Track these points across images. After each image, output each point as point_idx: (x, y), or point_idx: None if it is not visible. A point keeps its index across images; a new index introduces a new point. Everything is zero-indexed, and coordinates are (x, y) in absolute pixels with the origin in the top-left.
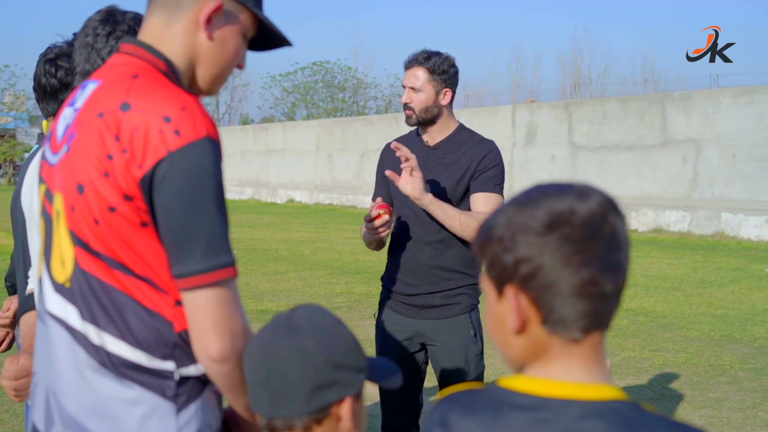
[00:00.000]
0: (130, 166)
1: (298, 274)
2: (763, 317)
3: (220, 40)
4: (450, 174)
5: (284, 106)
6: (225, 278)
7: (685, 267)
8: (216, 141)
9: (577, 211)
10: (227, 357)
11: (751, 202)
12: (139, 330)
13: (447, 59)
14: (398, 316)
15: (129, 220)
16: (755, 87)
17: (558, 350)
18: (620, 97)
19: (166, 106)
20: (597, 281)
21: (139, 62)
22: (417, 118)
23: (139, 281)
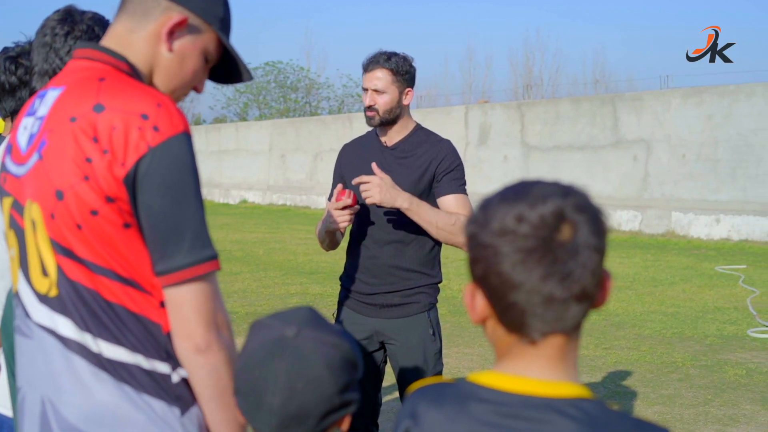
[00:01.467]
0: (112, 166)
1: (253, 275)
2: (713, 315)
3: (179, 55)
4: (409, 173)
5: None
6: (210, 271)
7: (636, 266)
8: (190, 136)
9: (525, 219)
10: (212, 346)
11: (701, 201)
12: (131, 333)
13: (406, 59)
14: (357, 315)
15: (112, 222)
16: (704, 88)
17: (518, 350)
18: (572, 98)
19: (140, 103)
20: (543, 289)
21: (100, 65)
22: (380, 119)
23: (125, 285)
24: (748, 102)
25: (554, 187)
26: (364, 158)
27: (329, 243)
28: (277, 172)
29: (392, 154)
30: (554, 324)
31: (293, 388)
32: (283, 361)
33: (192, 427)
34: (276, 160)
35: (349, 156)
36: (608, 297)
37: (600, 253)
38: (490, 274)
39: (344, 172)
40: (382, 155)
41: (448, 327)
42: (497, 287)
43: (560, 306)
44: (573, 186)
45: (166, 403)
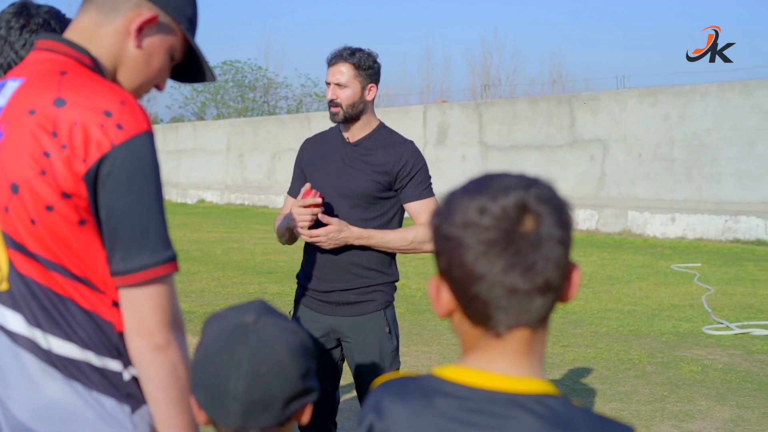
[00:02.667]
0: (71, 161)
1: (210, 274)
2: (669, 312)
3: (147, 52)
4: (370, 171)
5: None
6: (171, 272)
7: (593, 264)
8: (153, 135)
9: (488, 211)
10: (172, 343)
11: (657, 200)
12: (82, 330)
13: (370, 55)
14: (313, 313)
15: (67, 218)
16: (660, 88)
17: (484, 343)
18: (529, 98)
19: (104, 100)
20: (505, 280)
21: (63, 58)
22: (344, 115)
23: (76, 282)
24: (702, 102)
25: (517, 179)
26: (326, 154)
27: (288, 238)
28: (235, 172)
29: (354, 150)
30: (519, 317)
31: (257, 372)
32: (246, 346)
33: (142, 425)
34: (234, 159)
35: (310, 151)
36: (576, 290)
37: (564, 245)
38: (454, 267)
39: (305, 166)
40: (344, 151)
41: (407, 325)
42: (460, 279)
43: (524, 298)
44: (538, 178)
45: (116, 400)
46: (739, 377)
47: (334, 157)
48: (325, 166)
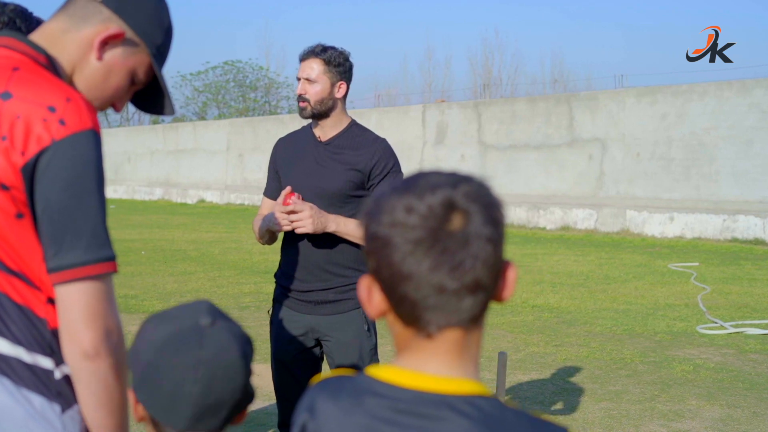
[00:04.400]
0: (9, 153)
1: (207, 274)
2: (664, 312)
3: (107, 67)
4: (342, 169)
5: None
6: (105, 272)
7: (590, 264)
8: (99, 134)
9: (414, 209)
10: (101, 352)
11: (655, 200)
12: (14, 325)
13: (342, 53)
14: (292, 312)
15: (4, 210)
16: (658, 87)
17: (416, 344)
18: (528, 98)
19: (50, 96)
20: (432, 279)
21: (18, 55)
22: (312, 110)
23: (11, 277)
24: (701, 101)
25: (446, 176)
26: (298, 153)
27: (268, 239)
28: (235, 172)
29: (326, 149)
30: (449, 317)
31: (213, 376)
32: (203, 350)
33: (72, 426)
34: (234, 159)
35: (283, 151)
36: (511, 289)
37: (494, 243)
38: (382, 266)
39: (279, 167)
40: (316, 150)
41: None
42: (389, 279)
43: (453, 297)
44: (468, 176)
45: (46, 399)
46: (731, 376)
47: (307, 157)
48: (299, 165)
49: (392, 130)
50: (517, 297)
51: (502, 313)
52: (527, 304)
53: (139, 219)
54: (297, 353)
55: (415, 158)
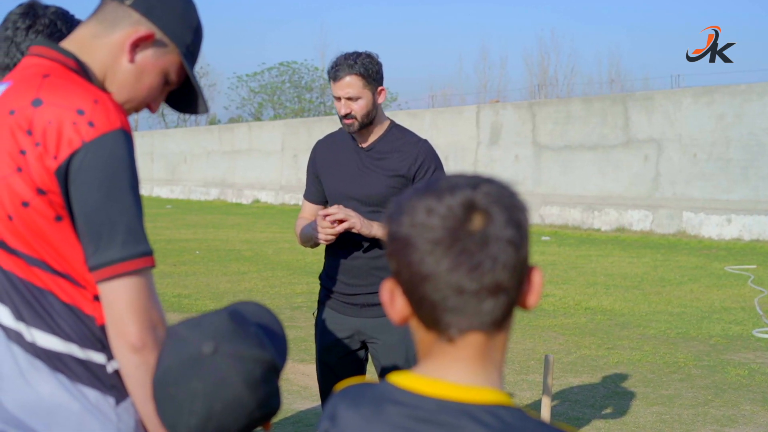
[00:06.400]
0: (43, 157)
1: (260, 274)
2: (719, 315)
3: (139, 68)
4: (385, 175)
5: (251, 107)
6: (143, 267)
7: (645, 266)
8: (129, 133)
9: (434, 211)
10: (147, 345)
11: (712, 201)
12: (65, 323)
13: (372, 58)
14: (338, 315)
15: (43, 214)
16: (715, 87)
17: (437, 349)
18: (583, 98)
19: (78, 99)
20: (451, 279)
21: (48, 62)
22: (359, 125)
23: (57, 277)
24: (760, 101)
25: (467, 178)
26: (339, 159)
27: (314, 244)
28: (290, 172)
29: (368, 155)
30: (470, 319)
31: (211, 409)
32: (201, 382)
33: (127, 417)
34: (288, 159)
35: (323, 155)
36: (537, 295)
37: (515, 245)
38: (402, 268)
39: (319, 171)
40: (358, 156)
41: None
42: (408, 280)
43: (473, 299)
44: (490, 178)
45: (100, 392)
46: None
47: (349, 163)
48: (340, 172)
49: (446, 131)
50: (570, 299)
51: (554, 315)
52: (580, 306)
53: (194, 219)
54: (342, 356)
55: (469, 159)
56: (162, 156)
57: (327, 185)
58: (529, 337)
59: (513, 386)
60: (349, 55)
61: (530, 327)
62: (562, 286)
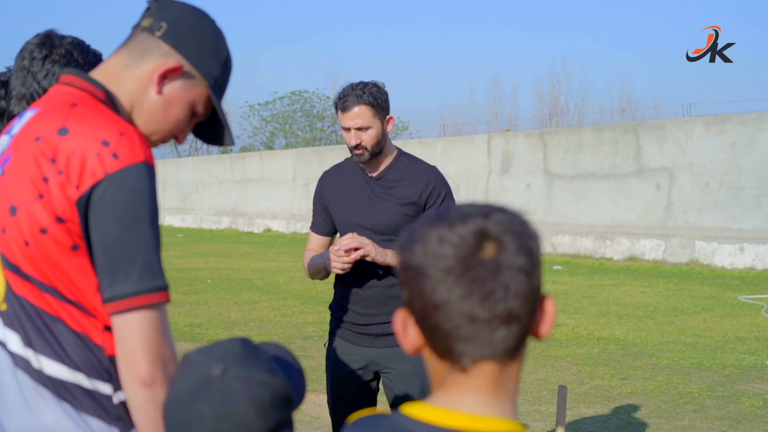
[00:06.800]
0: (65, 186)
1: (271, 303)
2: (733, 345)
3: (167, 100)
4: (396, 204)
5: (263, 136)
6: (158, 301)
7: (658, 295)
8: (152, 167)
9: (446, 239)
10: (157, 380)
11: (725, 230)
12: (73, 352)
13: (379, 87)
14: (351, 345)
15: (60, 242)
16: (727, 116)
17: (451, 379)
18: (595, 126)
19: (104, 130)
20: (463, 308)
21: (78, 92)
22: (369, 155)
23: (68, 305)
24: None
25: (479, 207)
26: (349, 189)
27: (324, 275)
28: (301, 201)
29: (378, 184)
30: (483, 349)
31: (219, 429)
32: (208, 403)
33: None
34: (300, 188)
35: (332, 186)
36: (550, 324)
37: (527, 273)
38: (415, 296)
39: (327, 202)
40: (368, 185)
41: None
42: (421, 309)
43: (485, 328)
44: (502, 206)
45: (105, 423)
46: None
47: (359, 193)
48: (351, 202)
49: (457, 160)
50: (583, 328)
51: (567, 345)
52: (593, 336)
53: (206, 248)
54: (355, 386)
55: (481, 187)
56: (174, 185)
57: (337, 216)
58: (541, 367)
59: (526, 417)
60: (356, 85)
61: (543, 357)
62: (575, 316)
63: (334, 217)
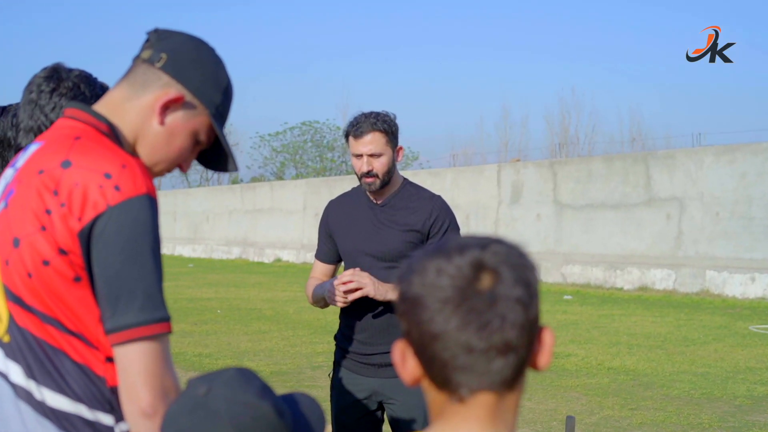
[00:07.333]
0: (67, 218)
1: (281, 333)
2: (744, 375)
3: (169, 130)
4: (399, 230)
5: (273, 166)
6: (160, 333)
7: (669, 325)
8: (154, 199)
9: (443, 271)
10: (159, 411)
11: (735, 259)
12: (75, 383)
13: (391, 117)
14: (355, 375)
15: (62, 274)
16: (736, 146)
17: (449, 410)
18: (605, 156)
19: (106, 163)
20: (460, 338)
21: (81, 125)
22: (381, 183)
23: (70, 336)
24: None
25: (476, 239)
26: (353, 216)
27: (324, 305)
28: (311, 231)
29: (383, 211)
30: (480, 379)
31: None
32: (189, 419)
33: None
34: (310, 219)
35: (337, 214)
36: (549, 355)
37: (524, 304)
38: (413, 327)
39: (332, 230)
40: (372, 212)
41: None
42: (419, 339)
43: (482, 358)
44: (499, 238)
45: None
46: None
47: (363, 220)
48: (355, 229)
49: (467, 190)
50: (593, 359)
51: (577, 375)
52: (603, 366)
53: (216, 278)
54: (359, 417)
55: (491, 218)
56: (184, 215)
57: (341, 243)
58: (551, 398)
59: None
60: (369, 113)
61: (552, 387)
62: (585, 346)
63: (339, 245)
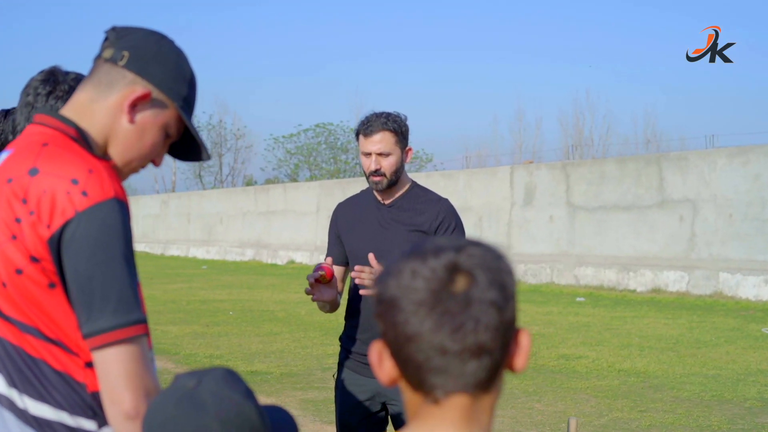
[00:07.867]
0: (36, 226)
1: (292, 335)
2: (755, 377)
3: (140, 127)
4: (405, 231)
5: (287, 168)
6: (135, 335)
7: (681, 327)
8: (124, 202)
9: (418, 273)
10: (141, 412)
11: (749, 261)
12: (56, 391)
13: (402, 118)
14: (358, 376)
15: (36, 281)
16: (750, 147)
17: (424, 411)
18: (618, 158)
19: (73, 168)
20: (434, 340)
21: (50, 131)
22: (388, 182)
23: (49, 344)
24: None
25: (452, 241)
26: (360, 217)
27: (330, 308)
28: (325, 233)
29: (389, 211)
30: (454, 381)
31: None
32: (175, 409)
33: None
34: (323, 220)
35: (345, 215)
36: (525, 357)
37: (498, 307)
38: (389, 329)
39: (340, 231)
40: (379, 213)
41: None
42: (394, 341)
43: (455, 360)
44: (476, 241)
45: None
46: None
47: (369, 220)
48: (361, 229)
49: (480, 191)
50: (603, 360)
51: (587, 377)
52: (613, 368)
53: (229, 279)
54: (363, 417)
55: (503, 219)
56: (199, 217)
57: (348, 243)
58: (560, 400)
59: None
60: (380, 113)
61: (562, 389)
62: (596, 348)
63: (345, 244)
